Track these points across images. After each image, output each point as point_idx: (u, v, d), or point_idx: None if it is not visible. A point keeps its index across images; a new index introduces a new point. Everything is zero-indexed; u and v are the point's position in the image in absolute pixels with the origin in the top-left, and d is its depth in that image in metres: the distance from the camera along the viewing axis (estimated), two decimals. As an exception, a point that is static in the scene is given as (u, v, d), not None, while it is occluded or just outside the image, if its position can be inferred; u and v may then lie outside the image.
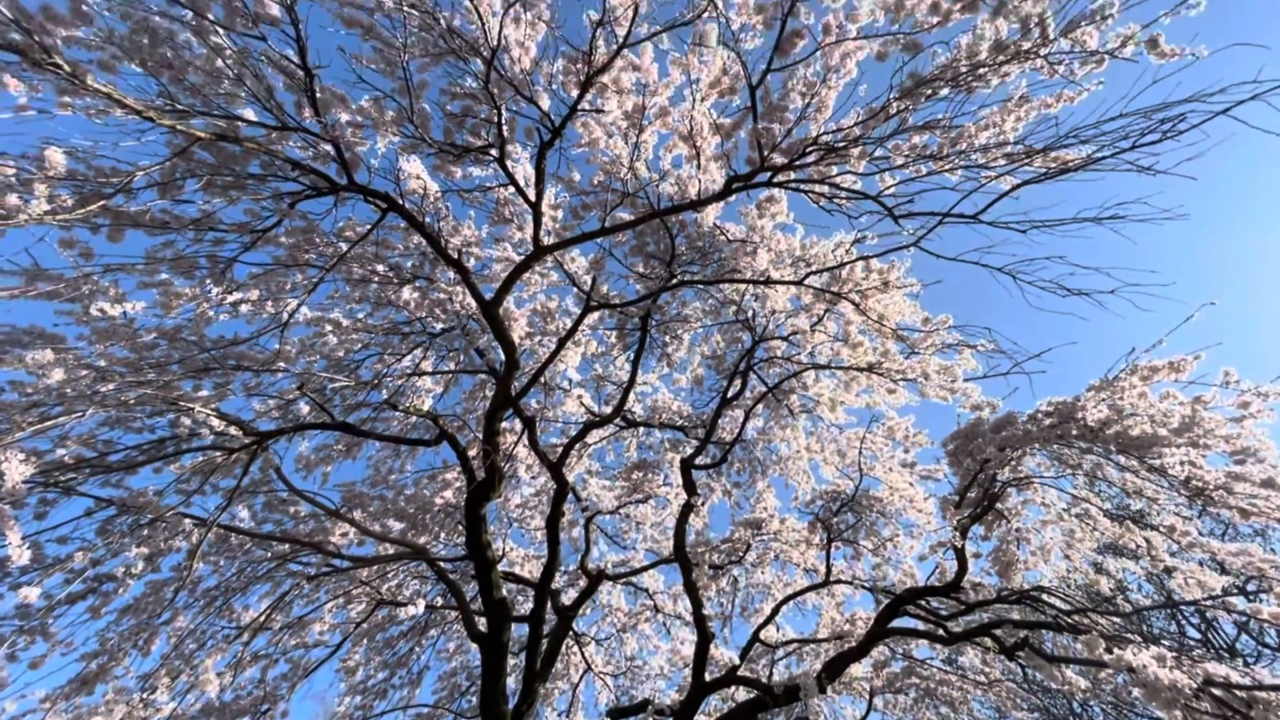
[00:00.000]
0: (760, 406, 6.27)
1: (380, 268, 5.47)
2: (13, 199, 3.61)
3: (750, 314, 5.98)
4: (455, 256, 5.04)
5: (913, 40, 3.29)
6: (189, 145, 3.93)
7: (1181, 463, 3.95)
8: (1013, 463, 5.67)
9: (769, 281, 4.66)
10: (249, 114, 4.19)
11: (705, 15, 3.72)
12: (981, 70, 3.35)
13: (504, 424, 5.78)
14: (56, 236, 4.13)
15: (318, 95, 4.17)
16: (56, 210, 3.66)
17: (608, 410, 6.26)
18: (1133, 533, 5.25)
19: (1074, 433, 4.26)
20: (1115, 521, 5.37)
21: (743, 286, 5.48)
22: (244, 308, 5.12)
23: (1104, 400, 4.25)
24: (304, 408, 5.35)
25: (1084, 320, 3.61)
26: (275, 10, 3.70)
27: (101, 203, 3.71)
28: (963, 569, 4.37)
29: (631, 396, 6.12)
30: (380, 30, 4.05)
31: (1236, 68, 2.86)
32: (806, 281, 4.57)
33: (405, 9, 3.81)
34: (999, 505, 5.93)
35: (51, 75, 3.36)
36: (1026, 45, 3.11)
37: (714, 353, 6.32)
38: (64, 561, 3.92)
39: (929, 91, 3.48)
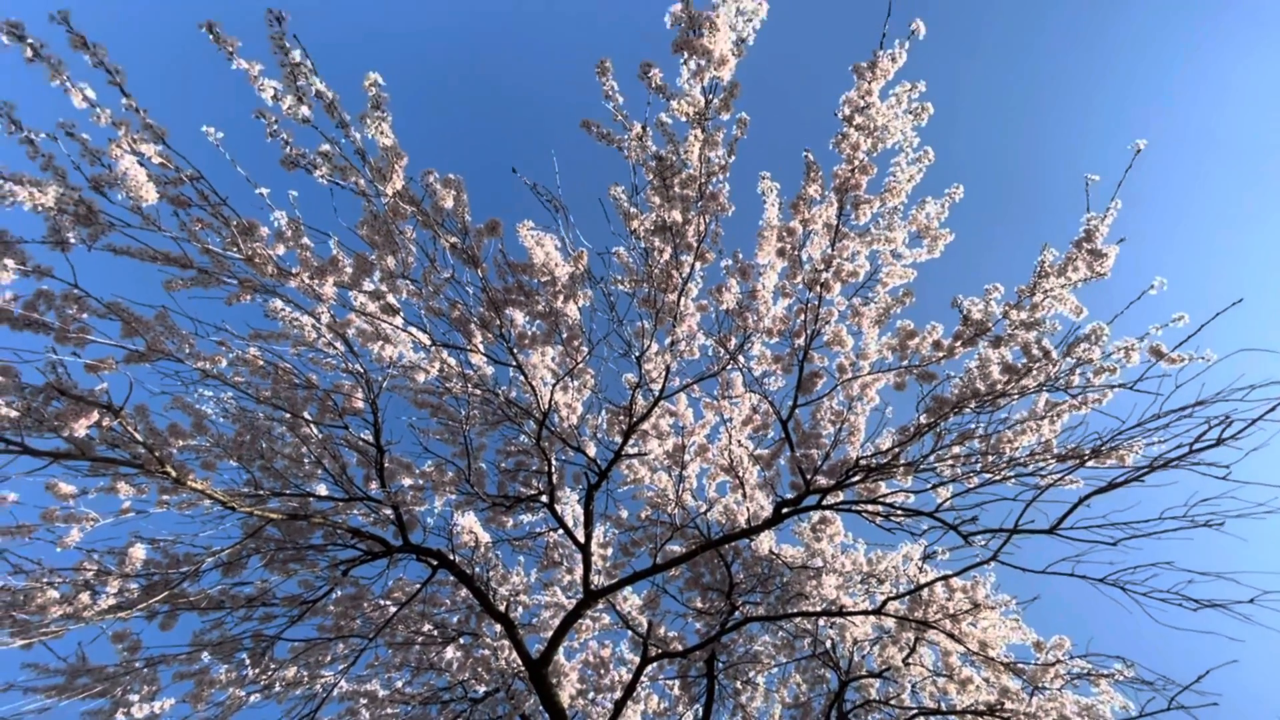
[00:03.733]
0: (866, 770, 5.04)
1: (426, 627, 5.21)
2: (85, 598, 3.74)
3: (829, 645, 5.28)
4: (503, 609, 4.82)
5: (925, 371, 3.57)
6: (262, 526, 4.18)
7: None
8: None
9: (844, 613, 4.22)
10: (321, 489, 4.55)
11: (729, 367, 4.18)
12: (999, 387, 3.53)
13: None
14: (113, 629, 4.14)
15: (386, 466, 4.57)
16: (122, 605, 3.74)
17: (678, 790, 5.12)
18: None
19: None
20: None
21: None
22: (278, 686, 4.78)
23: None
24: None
25: (1234, 640, 3.04)
26: (360, 404, 4.31)
27: (166, 592, 3.80)
28: None
29: (706, 768, 5.05)
30: (447, 408, 4.63)
31: (1250, 366, 2.94)
32: (886, 609, 4.12)
33: (470, 390, 4.40)
34: None
35: (159, 479, 3.80)
36: (1034, 366, 3.32)
37: (796, 699, 5.40)
38: None
39: (954, 410, 3.62)
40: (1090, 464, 3.45)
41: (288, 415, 4.30)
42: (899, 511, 3.95)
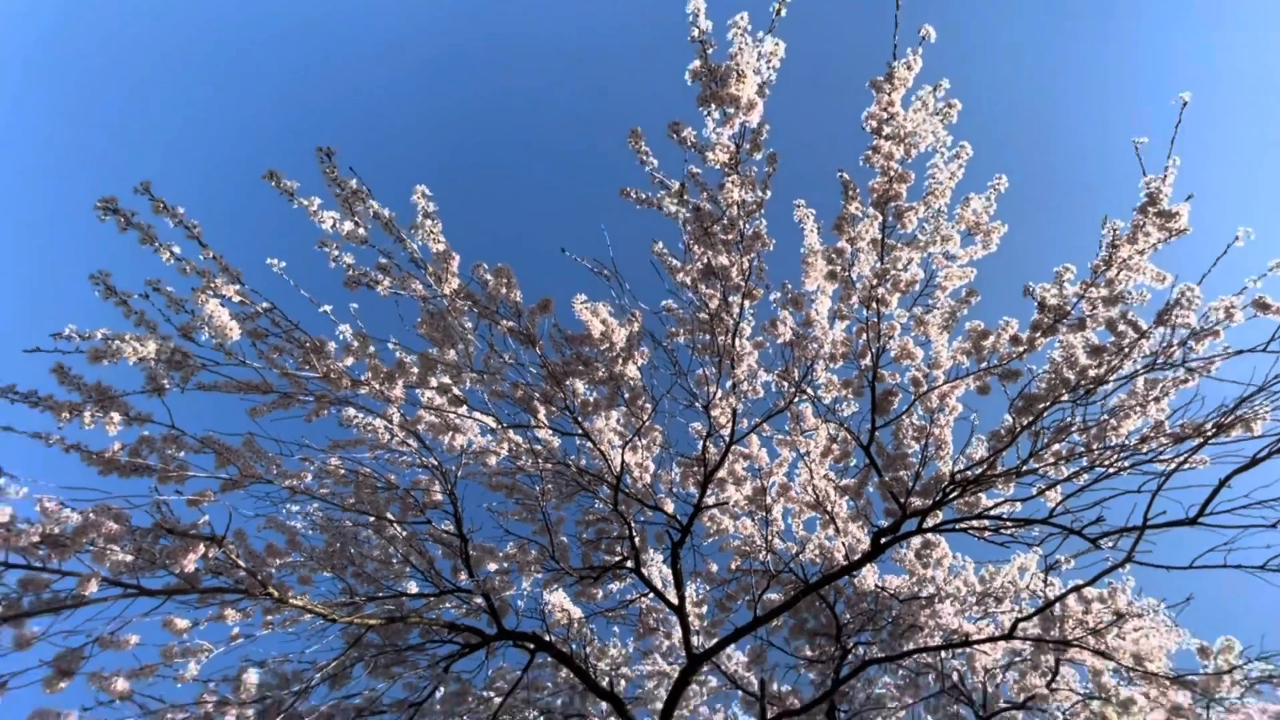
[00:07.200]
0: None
1: (532, 714, 5.08)
2: (204, 734, 3.79)
3: (957, 677, 4.87)
4: (607, 686, 4.66)
5: (1006, 370, 3.39)
6: (363, 634, 4.22)
7: None
8: None
9: (971, 642, 3.90)
10: (412, 587, 4.58)
11: (797, 399, 4.07)
12: (1091, 373, 3.31)
13: None
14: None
15: (471, 554, 4.58)
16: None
17: None
18: None
19: None
20: None
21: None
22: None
23: None
24: None
25: None
26: (439, 497, 4.37)
27: (281, 715, 3.83)
28: None
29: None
30: (522, 486, 4.64)
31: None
32: (1016, 632, 3.80)
33: (541, 465, 4.41)
34: None
35: (262, 601, 3.89)
36: (1125, 344, 3.11)
37: (933, 743, 4.96)
38: None
39: (1047, 406, 3.41)
40: (1215, 440, 3.16)
41: (372, 518, 4.39)
42: (1008, 523, 3.69)
